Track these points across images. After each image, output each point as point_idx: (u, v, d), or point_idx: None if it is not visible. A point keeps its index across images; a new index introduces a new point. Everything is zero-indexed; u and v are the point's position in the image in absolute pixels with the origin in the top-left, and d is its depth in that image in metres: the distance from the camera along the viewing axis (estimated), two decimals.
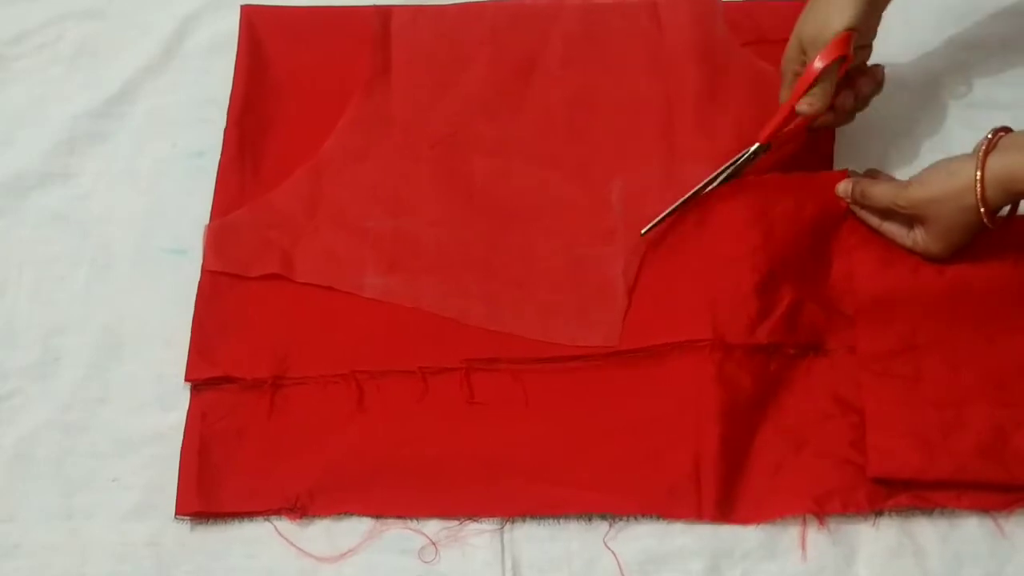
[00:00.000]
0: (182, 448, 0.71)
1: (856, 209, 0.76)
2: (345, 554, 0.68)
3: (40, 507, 0.70)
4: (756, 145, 0.75)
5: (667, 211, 0.75)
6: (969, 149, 0.71)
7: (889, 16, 0.88)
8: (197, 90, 0.86)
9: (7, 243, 0.80)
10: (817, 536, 0.68)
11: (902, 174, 0.81)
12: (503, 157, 0.81)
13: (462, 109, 0.83)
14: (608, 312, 0.74)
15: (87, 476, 0.71)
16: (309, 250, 0.78)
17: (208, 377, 0.73)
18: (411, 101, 0.84)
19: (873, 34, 0.74)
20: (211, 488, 0.69)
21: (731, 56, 0.83)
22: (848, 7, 0.70)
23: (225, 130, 0.82)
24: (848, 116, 0.77)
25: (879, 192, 0.72)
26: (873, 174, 0.77)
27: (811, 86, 0.71)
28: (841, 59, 0.70)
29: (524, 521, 0.69)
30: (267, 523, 0.69)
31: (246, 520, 0.69)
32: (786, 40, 0.83)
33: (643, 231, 0.75)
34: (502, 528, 0.69)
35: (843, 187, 0.75)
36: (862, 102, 0.76)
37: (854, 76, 0.75)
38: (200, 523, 0.69)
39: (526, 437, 0.71)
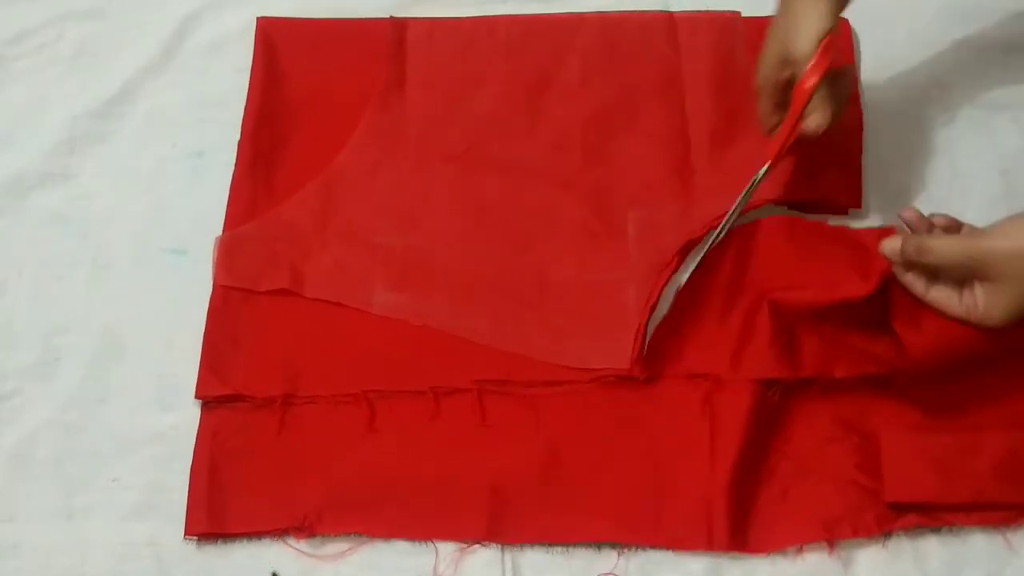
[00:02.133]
0: (192, 467, 0.70)
1: (900, 273, 0.66)
2: (344, 554, 0.68)
3: (40, 507, 0.70)
4: (767, 165, 0.73)
5: (702, 249, 0.73)
6: (974, 152, 0.71)
7: (893, 17, 0.89)
8: (197, 90, 0.86)
9: (7, 243, 0.80)
10: None
11: (904, 177, 0.81)
12: (517, 176, 0.80)
13: (477, 125, 0.83)
14: (619, 335, 0.73)
15: (87, 476, 0.71)
16: (319, 265, 0.77)
17: (219, 395, 0.73)
18: (426, 116, 0.83)
19: None
20: (220, 508, 0.69)
21: (749, 88, 0.82)
22: (823, 13, 0.67)
23: (239, 141, 0.82)
24: (836, 119, 0.71)
25: (944, 246, 0.63)
26: (920, 223, 0.67)
27: (809, 101, 0.69)
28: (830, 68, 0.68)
29: None
30: None
31: None
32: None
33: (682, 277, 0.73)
34: None
35: (890, 245, 0.65)
36: (844, 103, 0.72)
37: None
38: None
39: (537, 461, 0.70)
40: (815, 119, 0.69)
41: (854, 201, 0.78)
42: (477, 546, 0.68)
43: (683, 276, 0.74)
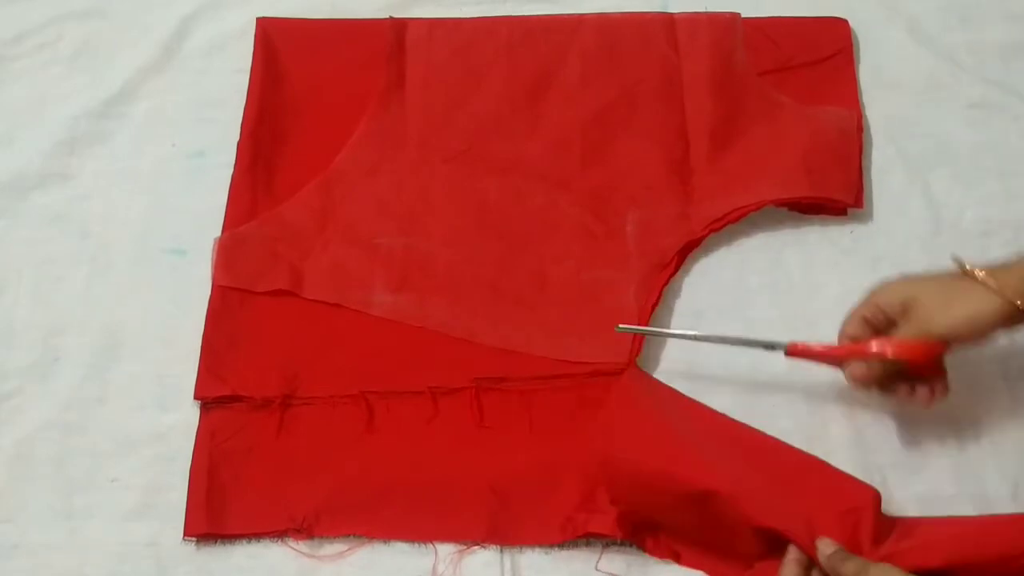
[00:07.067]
0: (191, 468, 0.70)
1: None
2: (344, 554, 0.68)
3: (40, 507, 0.70)
4: (783, 347, 0.67)
5: (655, 330, 0.72)
6: (970, 150, 0.70)
7: (894, 17, 0.89)
8: (197, 90, 0.86)
9: (7, 243, 0.80)
10: None
11: (901, 175, 0.81)
12: (516, 176, 0.80)
13: (476, 126, 0.83)
14: (618, 334, 0.72)
15: (87, 476, 0.71)
16: (318, 266, 0.77)
17: (218, 395, 0.72)
18: (425, 116, 0.83)
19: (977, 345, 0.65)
20: (219, 509, 0.69)
21: (748, 88, 0.83)
22: (970, 325, 0.61)
23: (239, 141, 0.82)
24: (895, 399, 0.67)
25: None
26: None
27: (872, 355, 0.64)
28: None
29: None
30: None
31: None
32: (806, 64, 0.83)
33: (618, 327, 0.71)
34: None
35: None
36: (918, 405, 0.66)
37: (933, 381, 0.66)
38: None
39: (533, 459, 0.70)
40: (857, 375, 0.64)
41: (855, 200, 0.78)
42: (476, 547, 0.68)
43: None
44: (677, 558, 0.67)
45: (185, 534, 0.69)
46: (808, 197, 0.78)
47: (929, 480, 0.69)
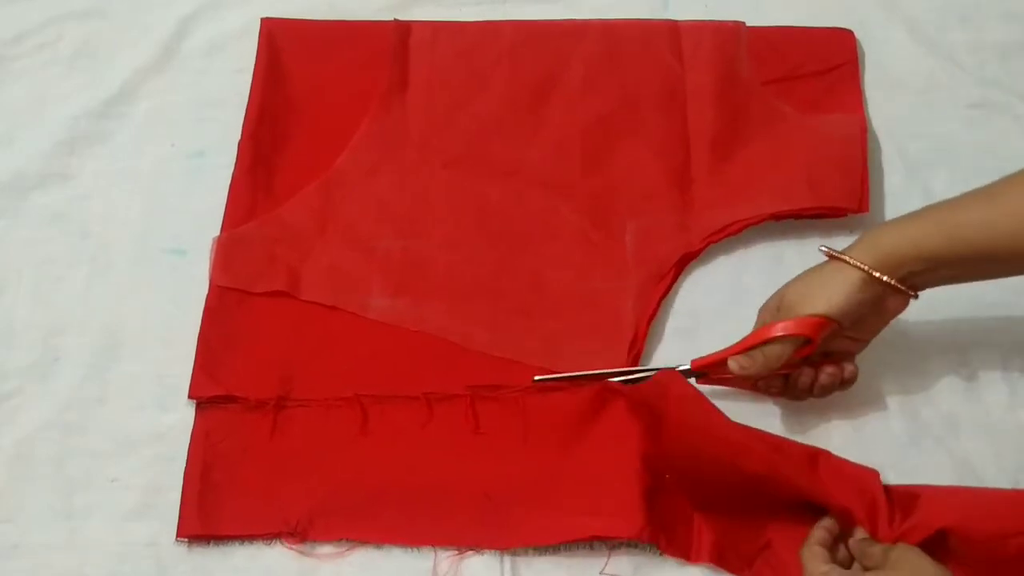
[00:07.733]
0: (186, 468, 0.70)
1: None
2: (344, 554, 0.68)
3: (40, 507, 0.70)
4: (685, 367, 0.70)
5: (566, 375, 0.72)
6: (970, 150, 0.70)
7: (894, 19, 0.89)
8: (197, 90, 0.86)
9: (7, 243, 0.80)
10: None
11: (900, 175, 0.81)
12: (517, 182, 0.80)
13: (478, 129, 0.82)
14: (614, 339, 0.73)
15: (87, 476, 0.71)
16: (316, 268, 0.77)
17: (212, 395, 0.72)
18: (427, 119, 0.83)
19: (867, 335, 0.68)
20: (212, 510, 0.69)
21: (751, 98, 0.82)
22: (836, 295, 0.64)
23: (239, 142, 0.82)
24: (801, 395, 0.69)
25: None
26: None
27: (755, 346, 0.66)
28: (804, 341, 0.65)
29: None
30: None
31: None
32: (811, 75, 0.83)
33: (536, 378, 0.72)
34: None
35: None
36: (819, 391, 0.69)
37: (824, 363, 0.68)
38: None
39: (529, 466, 0.70)
40: (741, 361, 0.67)
41: (859, 206, 0.78)
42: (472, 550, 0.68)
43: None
44: (687, 556, 0.67)
45: (178, 534, 0.68)
46: (810, 208, 0.77)
47: (929, 480, 0.69)
